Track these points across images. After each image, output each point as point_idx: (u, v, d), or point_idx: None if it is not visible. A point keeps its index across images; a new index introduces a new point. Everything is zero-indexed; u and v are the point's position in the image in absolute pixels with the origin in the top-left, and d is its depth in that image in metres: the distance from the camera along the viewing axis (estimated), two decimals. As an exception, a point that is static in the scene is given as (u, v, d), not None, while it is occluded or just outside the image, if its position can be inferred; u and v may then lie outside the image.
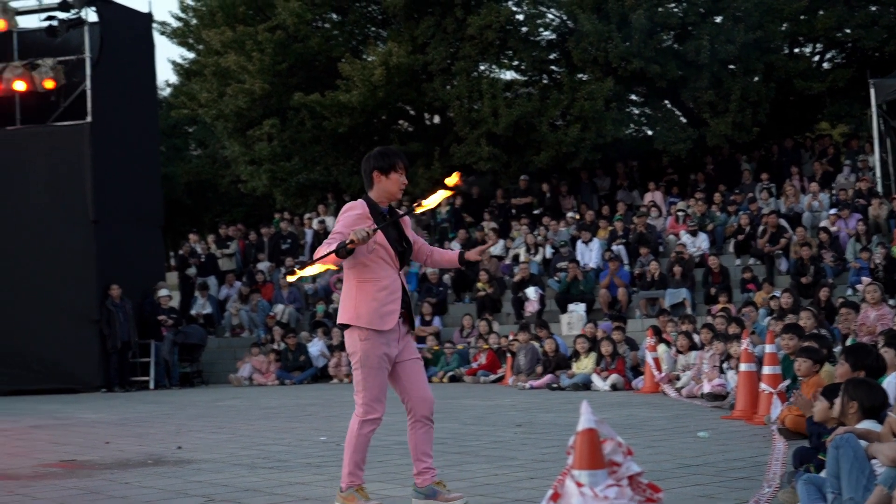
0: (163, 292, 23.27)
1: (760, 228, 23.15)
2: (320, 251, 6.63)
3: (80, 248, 22.11)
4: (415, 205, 6.95)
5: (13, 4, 22.95)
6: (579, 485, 3.15)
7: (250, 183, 31.73)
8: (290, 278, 6.85)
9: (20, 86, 22.62)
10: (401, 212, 7.09)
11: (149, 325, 22.88)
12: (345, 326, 6.85)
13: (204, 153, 42.47)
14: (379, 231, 6.76)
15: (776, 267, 22.47)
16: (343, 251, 6.51)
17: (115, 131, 22.80)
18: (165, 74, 68.25)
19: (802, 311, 14.78)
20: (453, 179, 6.90)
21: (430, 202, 6.85)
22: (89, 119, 22.34)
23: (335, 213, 29.09)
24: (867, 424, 6.02)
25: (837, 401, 6.40)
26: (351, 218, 6.77)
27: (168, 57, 43.99)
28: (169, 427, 13.28)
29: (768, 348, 11.45)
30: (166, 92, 41.61)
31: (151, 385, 22.58)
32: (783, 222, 23.15)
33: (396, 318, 6.84)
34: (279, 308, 24.98)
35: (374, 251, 6.78)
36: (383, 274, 6.83)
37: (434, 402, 7.00)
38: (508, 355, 19.78)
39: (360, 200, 6.96)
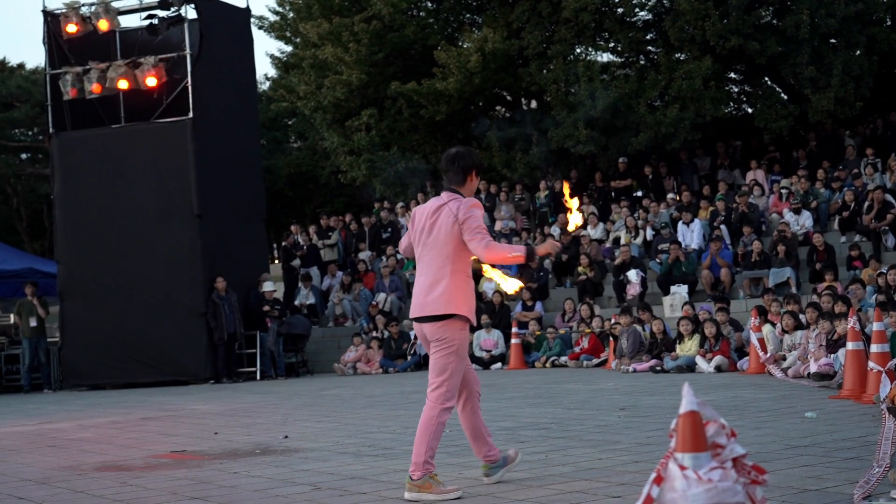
0: (268, 286, 23.51)
1: (866, 204, 22.71)
2: (502, 251, 6.77)
3: (186, 242, 22.46)
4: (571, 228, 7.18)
5: (115, 5, 23.38)
6: (682, 468, 3.14)
7: (350, 173, 31.96)
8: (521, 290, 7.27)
9: (123, 84, 23.04)
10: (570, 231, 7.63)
11: (254, 317, 23.18)
12: (447, 316, 6.83)
13: (304, 145, 42.91)
14: None
15: (883, 243, 22.04)
16: (535, 259, 6.84)
17: (217, 126, 23.10)
18: (264, 68, 69.02)
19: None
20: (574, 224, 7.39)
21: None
22: (191, 115, 22.66)
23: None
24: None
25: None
26: (482, 216, 6.92)
27: (266, 51, 44.46)
28: (275, 417, 13.45)
29: (876, 326, 11.26)
30: (265, 85, 42.11)
31: (258, 376, 22.89)
32: (889, 197, 22.68)
33: None
34: (381, 297, 25.15)
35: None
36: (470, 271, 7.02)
37: None
38: (611, 339, 19.71)
39: (472, 198, 7.01)
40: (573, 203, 7.12)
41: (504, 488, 6.90)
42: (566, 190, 7.63)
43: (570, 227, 7.09)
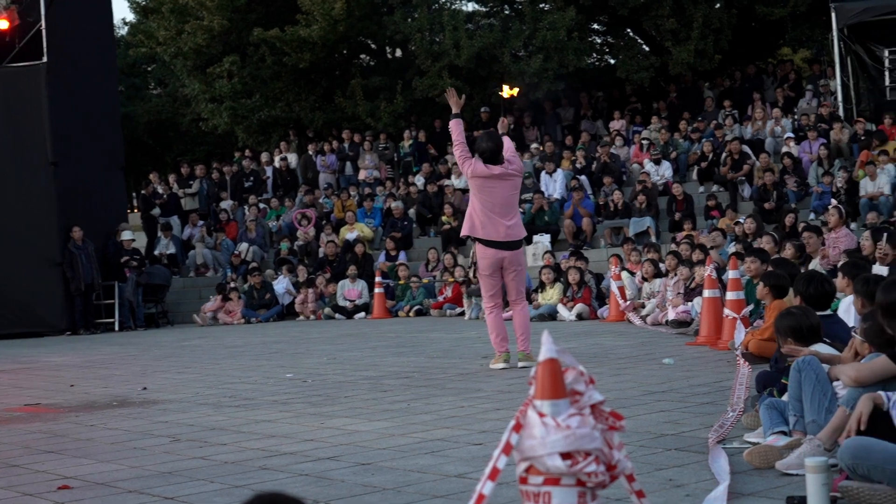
0: (126, 234, 23.07)
1: (723, 155, 23.16)
2: None
3: (41, 190, 21.85)
4: None
5: (-37, -57, 22.52)
6: (541, 415, 3.13)
7: (211, 121, 31.44)
8: None
9: (-26, 27, 22.25)
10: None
11: (112, 267, 22.71)
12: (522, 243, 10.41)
13: (164, 92, 42.04)
14: None
15: (739, 193, 22.53)
16: None
17: (73, 71, 22.48)
18: (122, 12, 67.43)
19: (763, 235, 14.84)
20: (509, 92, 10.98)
21: None
22: (45, 59, 21.99)
23: (297, 150, 28.99)
24: (819, 348, 6.03)
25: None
26: None
27: (124, -5, 43.38)
28: (134, 368, 13.24)
29: (732, 274, 11.49)
30: (123, 30, 41.08)
31: (116, 327, 22.48)
32: (746, 148, 23.15)
33: None
34: (243, 246, 24.87)
35: None
36: None
37: None
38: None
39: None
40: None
41: (366, 437, 6.88)
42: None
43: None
